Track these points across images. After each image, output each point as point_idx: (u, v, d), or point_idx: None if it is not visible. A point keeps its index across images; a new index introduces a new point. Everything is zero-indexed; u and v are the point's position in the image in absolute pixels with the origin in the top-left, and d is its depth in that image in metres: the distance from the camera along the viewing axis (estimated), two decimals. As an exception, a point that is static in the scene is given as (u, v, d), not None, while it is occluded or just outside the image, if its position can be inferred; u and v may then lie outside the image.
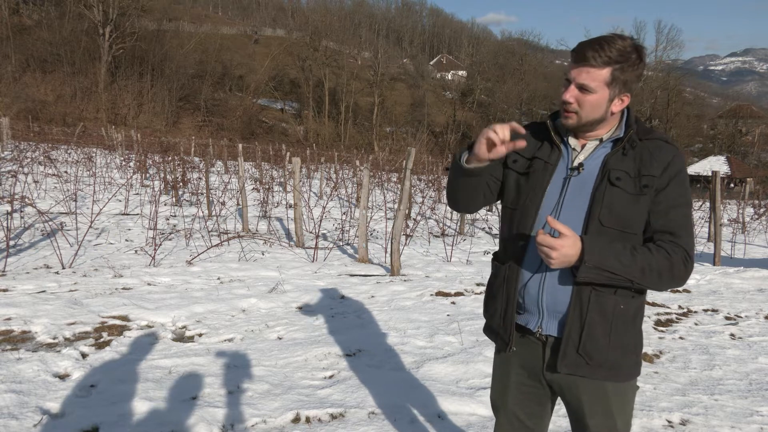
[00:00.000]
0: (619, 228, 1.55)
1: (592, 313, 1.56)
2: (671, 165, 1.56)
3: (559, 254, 1.44)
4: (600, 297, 1.55)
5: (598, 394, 1.62)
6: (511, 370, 1.75)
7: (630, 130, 1.59)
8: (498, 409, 1.84)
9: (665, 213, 1.56)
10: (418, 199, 15.35)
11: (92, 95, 43.55)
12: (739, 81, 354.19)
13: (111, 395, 3.07)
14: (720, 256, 8.47)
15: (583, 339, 1.56)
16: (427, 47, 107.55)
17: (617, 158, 1.58)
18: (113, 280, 5.69)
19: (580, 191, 1.59)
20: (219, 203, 11.49)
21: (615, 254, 1.48)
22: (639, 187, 1.54)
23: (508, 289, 1.67)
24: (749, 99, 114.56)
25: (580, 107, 1.55)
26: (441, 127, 66.01)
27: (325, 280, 6.29)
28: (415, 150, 7.18)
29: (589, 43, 1.52)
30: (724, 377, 3.75)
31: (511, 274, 1.67)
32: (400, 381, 3.45)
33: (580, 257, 1.46)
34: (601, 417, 1.64)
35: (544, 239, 1.45)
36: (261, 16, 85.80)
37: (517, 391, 1.76)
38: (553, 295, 1.59)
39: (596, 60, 1.50)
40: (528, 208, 1.64)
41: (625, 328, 1.59)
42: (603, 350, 1.57)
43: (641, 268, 1.49)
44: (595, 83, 1.51)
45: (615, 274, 1.48)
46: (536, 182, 1.64)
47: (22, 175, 13.18)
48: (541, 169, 1.65)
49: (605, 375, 1.60)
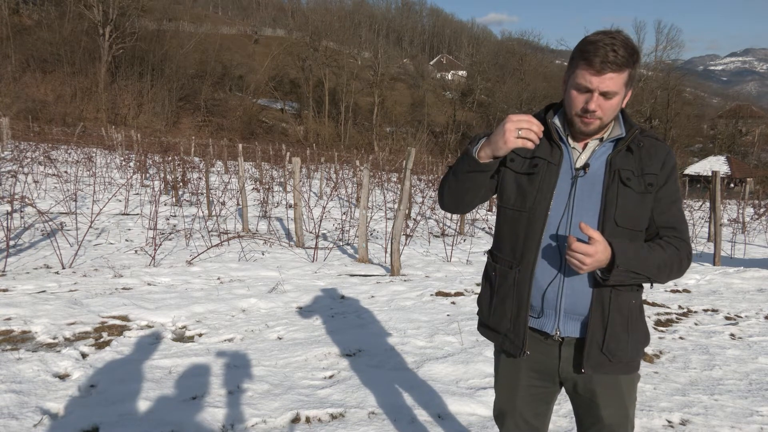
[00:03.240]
0: (630, 227, 1.57)
1: (612, 312, 1.59)
2: (667, 162, 1.61)
3: (593, 260, 1.45)
4: (619, 296, 1.59)
5: (613, 386, 1.66)
6: (520, 374, 1.74)
7: (634, 129, 1.60)
8: (506, 414, 1.81)
9: (667, 209, 1.61)
10: (418, 199, 15.35)
11: (92, 95, 43.55)
12: (739, 81, 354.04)
13: (111, 395, 3.07)
14: (720, 256, 8.46)
15: (607, 338, 1.59)
16: (427, 47, 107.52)
17: (621, 157, 1.58)
18: (113, 280, 5.69)
19: (589, 192, 1.58)
20: (219, 203, 11.49)
21: (639, 255, 1.52)
22: (644, 186, 1.57)
23: (519, 293, 1.64)
24: (749, 99, 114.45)
25: (603, 113, 1.52)
26: (441, 127, 66.00)
27: (325, 280, 6.29)
28: (415, 150, 7.18)
29: (603, 47, 1.45)
30: (724, 377, 3.75)
31: (522, 278, 1.63)
32: (400, 381, 3.44)
33: (610, 261, 1.48)
34: (614, 407, 1.67)
35: (580, 247, 1.44)
36: (261, 16, 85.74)
37: (526, 393, 1.75)
38: (573, 297, 1.59)
39: (618, 64, 1.45)
40: (537, 211, 1.60)
41: (637, 322, 1.65)
42: (623, 346, 1.61)
43: (658, 266, 1.54)
44: (617, 87, 1.49)
45: (638, 273, 1.52)
46: (543, 183, 1.60)
47: (22, 175, 13.18)
48: (546, 169, 1.61)
49: (623, 369, 1.64)
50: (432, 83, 74.77)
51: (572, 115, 1.57)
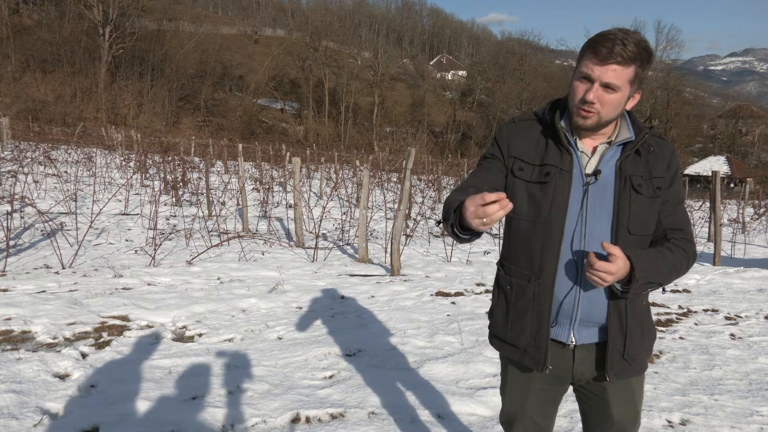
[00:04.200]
0: (641, 233, 1.56)
1: (630, 319, 1.59)
2: (672, 162, 1.60)
3: (615, 277, 1.44)
4: (633, 302, 1.60)
5: (624, 385, 1.67)
6: (533, 380, 1.72)
7: (644, 132, 1.56)
8: (516, 417, 1.79)
9: (673, 210, 1.60)
10: (418, 199, 15.35)
11: (92, 95, 43.55)
12: (739, 81, 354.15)
13: (111, 395, 3.07)
14: (720, 256, 8.47)
15: (627, 345, 1.59)
16: (427, 47, 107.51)
17: (630, 162, 1.55)
18: (113, 280, 5.69)
19: (601, 199, 1.54)
20: (219, 203, 11.49)
21: (655, 265, 1.51)
22: (653, 190, 1.55)
23: (540, 307, 1.60)
24: (749, 99, 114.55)
25: (602, 106, 1.47)
26: (441, 127, 66.01)
27: (325, 280, 6.29)
28: (415, 150, 7.18)
29: (612, 39, 1.42)
30: (724, 377, 3.75)
31: (542, 292, 1.58)
32: (401, 381, 3.44)
33: (629, 274, 1.47)
34: (624, 406, 1.68)
35: (603, 266, 1.42)
36: (261, 16, 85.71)
37: (536, 397, 1.74)
38: (589, 307, 1.58)
39: (623, 56, 1.41)
40: (553, 222, 1.54)
41: (649, 324, 1.66)
42: (640, 350, 1.63)
43: (669, 271, 1.54)
44: (620, 81, 1.44)
45: (653, 282, 1.52)
46: (557, 193, 1.54)
47: (22, 175, 13.18)
48: (558, 177, 1.55)
49: (637, 370, 1.65)
50: (432, 83, 74.77)
51: (572, 106, 1.53)
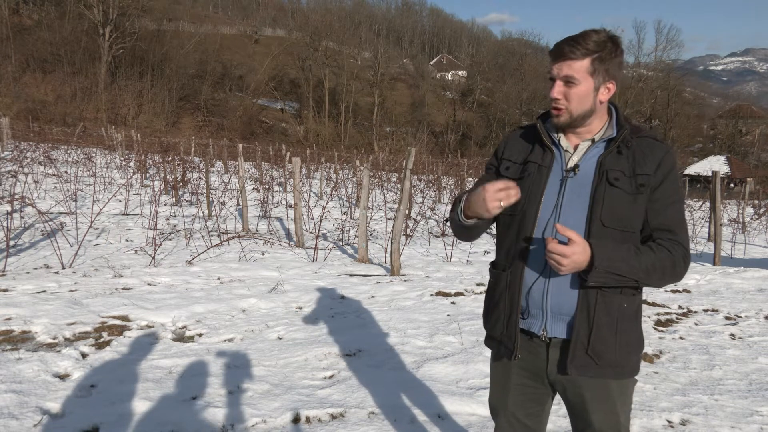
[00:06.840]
0: (619, 228, 1.56)
1: (599, 314, 1.57)
2: (663, 162, 1.59)
3: (570, 261, 1.44)
4: (606, 297, 1.57)
5: (602, 391, 1.63)
6: (511, 372, 1.74)
7: (624, 129, 1.60)
8: (498, 411, 1.83)
9: (662, 211, 1.58)
10: (418, 199, 15.34)
11: (92, 95, 43.54)
12: (739, 81, 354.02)
13: (111, 395, 3.07)
14: (720, 256, 8.46)
15: (592, 340, 1.57)
16: (427, 47, 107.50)
17: (612, 158, 1.59)
18: (113, 280, 5.69)
19: (578, 193, 1.59)
20: (219, 203, 11.48)
21: (622, 257, 1.50)
22: (635, 186, 1.56)
23: (511, 295, 1.65)
24: (749, 99, 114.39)
25: (569, 101, 1.56)
26: (441, 127, 66.02)
27: (325, 280, 6.29)
28: (415, 150, 7.17)
29: (564, 40, 1.56)
30: (724, 377, 3.75)
31: (513, 280, 1.65)
32: (400, 381, 3.44)
33: (590, 262, 1.47)
34: (604, 413, 1.65)
35: (555, 247, 1.44)
36: (261, 16, 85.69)
37: (517, 392, 1.75)
38: (558, 297, 1.59)
39: (574, 53, 1.53)
40: (527, 213, 1.62)
41: (629, 326, 1.61)
42: (610, 350, 1.59)
43: (646, 269, 1.52)
44: (578, 74, 1.54)
45: (622, 276, 1.50)
46: (532, 186, 1.63)
47: (22, 175, 13.18)
48: (536, 172, 1.64)
49: (611, 374, 1.61)
50: (432, 83, 74.79)
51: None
